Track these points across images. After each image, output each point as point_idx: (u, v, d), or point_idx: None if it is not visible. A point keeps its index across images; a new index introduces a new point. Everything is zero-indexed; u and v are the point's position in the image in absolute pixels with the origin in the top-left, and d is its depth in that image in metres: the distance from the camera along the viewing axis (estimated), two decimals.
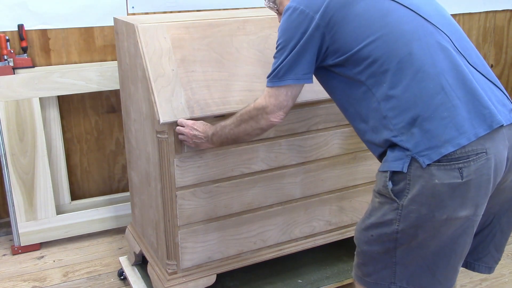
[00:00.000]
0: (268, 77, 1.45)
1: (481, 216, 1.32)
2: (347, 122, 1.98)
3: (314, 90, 1.88)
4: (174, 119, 1.67)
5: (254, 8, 2.60)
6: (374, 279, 1.41)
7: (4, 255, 2.52)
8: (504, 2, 3.60)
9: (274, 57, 1.46)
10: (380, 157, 1.40)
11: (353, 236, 2.15)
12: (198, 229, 1.84)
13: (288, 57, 1.40)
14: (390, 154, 1.32)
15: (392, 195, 1.30)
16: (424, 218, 1.27)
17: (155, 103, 1.66)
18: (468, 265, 1.51)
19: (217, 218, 1.86)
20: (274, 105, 1.44)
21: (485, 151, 1.25)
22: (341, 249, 2.29)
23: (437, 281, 1.37)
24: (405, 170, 1.27)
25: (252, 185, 1.88)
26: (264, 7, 1.72)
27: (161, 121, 1.65)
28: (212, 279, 1.91)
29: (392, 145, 1.32)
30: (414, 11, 1.36)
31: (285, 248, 2.03)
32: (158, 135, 1.69)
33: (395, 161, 1.29)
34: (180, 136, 1.68)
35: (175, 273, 1.86)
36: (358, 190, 2.11)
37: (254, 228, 1.94)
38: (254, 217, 1.93)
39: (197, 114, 1.69)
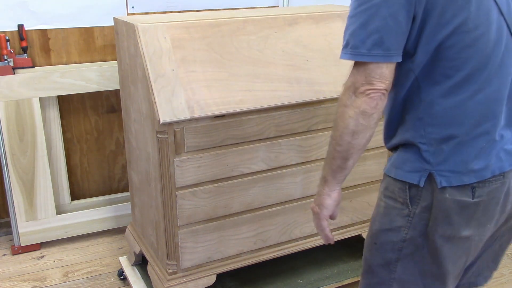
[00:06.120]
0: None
1: (485, 238, 1.26)
2: None
3: (314, 90, 1.88)
4: (174, 119, 1.67)
5: (254, 8, 2.60)
6: None
7: (4, 255, 2.52)
8: None
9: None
10: (391, 149, 1.28)
11: (353, 236, 2.17)
12: (198, 229, 1.84)
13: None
14: (405, 160, 1.21)
15: (408, 201, 1.21)
16: (429, 231, 1.21)
17: (155, 103, 1.66)
18: (470, 285, 1.43)
19: (217, 218, 1.86)
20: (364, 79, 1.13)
21: (502, 174, 1.19)
22: (341, 249, 2.29)
23: None
24: (421, 185, 1.18)
25: (252, 185, 1.88)
26: (264, 7, 1.70)
27: (161, 121, 1.65)
28: (212, 279, 1.91)
29: (410, 146, 1.21)
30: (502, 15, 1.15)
31: (285, 248, 2.03)
32: (158, 135, 1.69)
33: (412, 173, 1.20)
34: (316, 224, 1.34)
35: (175, 273, 1.86)
36: (358, 190, 2.11)
37: (254, 228, 1.94)
38: (254, 217, 1.93)
39: (197, 114, 1.69)
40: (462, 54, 1.12)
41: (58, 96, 2.55)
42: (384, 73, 1.11)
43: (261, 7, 2.73)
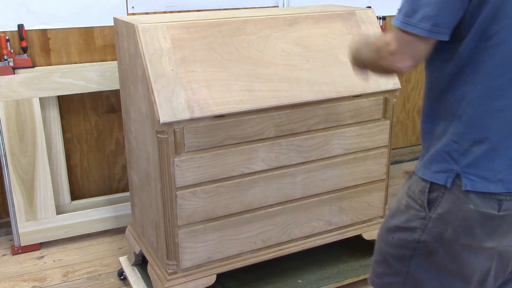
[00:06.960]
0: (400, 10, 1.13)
1: None
2: (347, 122, 1.99)
3: (314, 90, 1.88)
4: (174, 119, 1.67)
5: (254, 8, 2.60)
6: (381, 282, 1.34)
7: (4, 255, 2.51)
8: None
9: None
10: (425, 140, 1.26)
11: (352, 236, 2.17)
12: (198, 229, 1.84)
13: None
14: (432, 160, 1.19)
15: (425, 204, 1.20)
16: (449, 238, 1.18)
17: (155, 103, 1.66)
18: None
19: (217, 218, 1.86)
20: (399, 47, 1.12)
21: None
22: (341, 249, 2.29)
23: None
24: (449, 185, 1.15)
25: (252, 185, 1.88)
26: (264, 7, 1.70)
27: (161, 121, 1.65)
28: (212, 279, 1.91)
29: (442, 141, 1.18)
30: None
31: (285, 248, 2.03)
32: (158, 135, 1.70)
33: (440, 173, 1.17)
34: None
35: (175, 273, 1.86)
36: (358, 190, 2.11)
37: (254, 228, 1.94)
38: (254, 217, 1.93)
39: (197, 114, 1.69)
40: (511, 56, 1.07)
41: (58, 96, 2.55)
42: (419, 49, 1.10)
43: (261, 7, 2.73)
